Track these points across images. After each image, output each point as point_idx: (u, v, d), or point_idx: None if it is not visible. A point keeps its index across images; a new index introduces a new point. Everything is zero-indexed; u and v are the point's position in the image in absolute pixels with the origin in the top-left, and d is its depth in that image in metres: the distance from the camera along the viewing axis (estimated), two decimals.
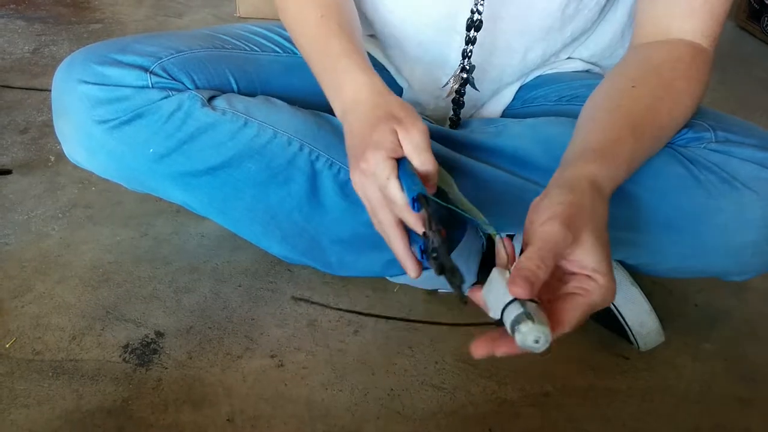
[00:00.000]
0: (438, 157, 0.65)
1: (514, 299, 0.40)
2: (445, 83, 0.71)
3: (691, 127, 0.60)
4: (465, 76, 0.68)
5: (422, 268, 0.53)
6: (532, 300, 0.40)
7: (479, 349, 0.42)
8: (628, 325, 0.68)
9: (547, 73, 0.74)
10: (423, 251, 0.50)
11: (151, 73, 0.62)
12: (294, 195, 0.66)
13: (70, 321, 0.67)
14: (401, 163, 0.51)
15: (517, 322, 0.39)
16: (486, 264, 0.72)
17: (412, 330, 0.70)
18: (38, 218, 0.82)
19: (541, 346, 0.38)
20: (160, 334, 0.67)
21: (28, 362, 0.62)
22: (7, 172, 0.90)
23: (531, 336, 0.38)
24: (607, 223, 0.46)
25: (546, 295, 0.43)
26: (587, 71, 0.75)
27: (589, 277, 0.43)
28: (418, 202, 0.48)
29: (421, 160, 0.51)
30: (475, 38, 0.65)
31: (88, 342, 0.65)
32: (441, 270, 0.44)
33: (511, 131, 0.68)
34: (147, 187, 0.69)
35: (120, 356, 0.64)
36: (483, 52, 0.67)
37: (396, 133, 0.52)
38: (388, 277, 0.75)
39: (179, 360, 0.64)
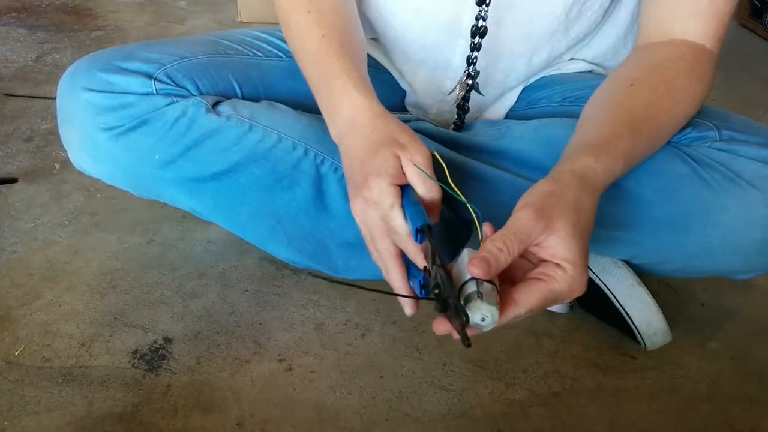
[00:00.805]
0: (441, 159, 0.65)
1: (472, 278, 0.41)
2: (450, 90, 0.71)
3: (695, 126, 0.60)
4: (470, 82, 0.68)
5: (418, 305, 0.50)
6: (489, 281, 0.42)
7: (440, 325, 0.44)
8: (635, 325, 0.68)
9: (550, 74, 0.74)
10: (422, 286, 0.47)
11: (155, 79, 0.63)
12: (299, 199, 0.66)
13: (79, 328, 0.67)
14: (405, 190, 0.50)
15: (468, 299, 0.41)
16: None
17: (419, 332, 0.70)
18: (45, 226, 0.82)
19: (487, 325, 0.41)
20: (168, 340, 0.67)
21: (38, 369, 0.62)
22: (13, 180, 0.90)
23: (478, 314, 0.40)
24: (592, 217, 0.47)
25: (516, 277, 0.45)
26: (590, 72, 0.75)
27: (558, 265, 0.43)
28: (421, 233, 0.46)
29: (426, 187, 0.50)
30: (480, 45, 0.65)
31: (97, 348, 0.65)
32: (444, 308, 0.42)
33: (515, 133, 0.69)
34: (153, 194, 0.69)
35: (129, 362, 0.64)
36: (488, 57, 0.67)
37: (399, 158, 0.50)
38: None
39: (188, 365, 0.64)
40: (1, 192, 0.88)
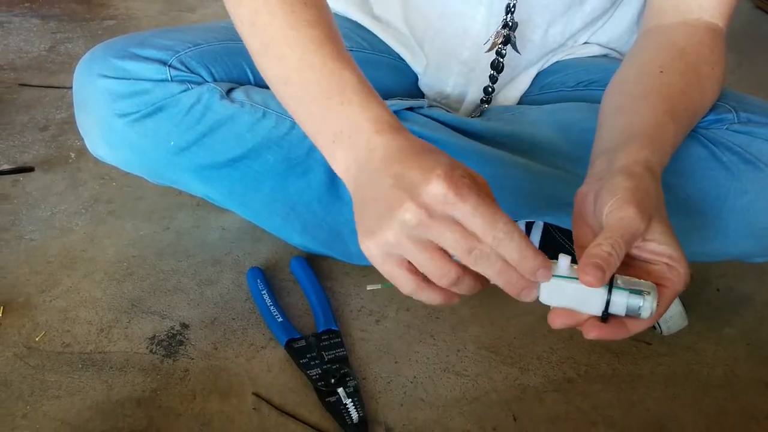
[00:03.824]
0: (454, 145, 0.65)
1: (611, 284, 0.39)
2: (485, 40, 0.67)
3: (713, 109, 0.59)
4: (507, 33, 0.65)
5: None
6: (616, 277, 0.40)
7: (558, 318, 0.41)
8: None
9: (564, 59, 0.73)
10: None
11: (170, 66, 0.63)
12: (313, 186, 0.66)
13: (97, 314, 0.68)
14: None
15: (637, 308, 0.39)
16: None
17: (433, 319, 0.70)
18: (61, 214, 0.83)
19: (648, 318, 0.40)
20: (185, 326, 0.67)
21: (58, 355, 0.63)
22: (30, 169, 0.91)
23: (650, 309, 0.40)
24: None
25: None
26: (605, 56, 0.74)
27: (669, 266, 0.42)
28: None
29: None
30: None
31: (115, 334, 0.66)
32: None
33: (529, 117, 0.68)
34: (168, 180, 0.69)
35: (147, 348, 0.65)
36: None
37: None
38: None
39: (205, 351, 0.65)
40: (18, 181, 0.89)
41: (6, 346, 0.64)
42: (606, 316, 0.40)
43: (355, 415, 0.57)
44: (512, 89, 0.74)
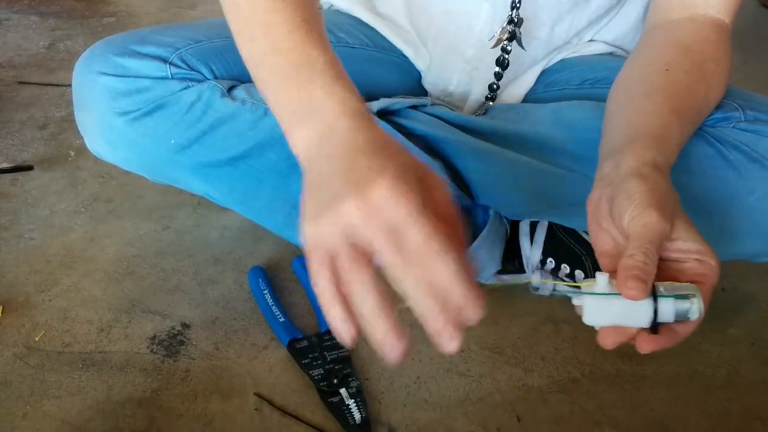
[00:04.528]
0: (458, 144, 0.65)
1: (654, 294, 0.39)
2: (490, 37, 0.66)
3: (719, 107, 0.59)
4: (512, 29, 0.65)
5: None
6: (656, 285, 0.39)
7: (609, 338, 0.40)
8: None
9: (569, 57, 0.73)
10: None
11: (170, 64, 0.62)
12: None
13: (97, 314, 0.68)
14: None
15: (685, 311, 0.39)
16: (509, 251, 0.72)
17: None
18: (61, 213, 0.83)
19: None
20: (186, 326, 0.67)
21: (58, 354, 0.63)
22: (29, 168, 0.90)
23: (698, 310, 0.39)
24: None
25: None
26: (610, 54, 0.73)
27: (698, 260, 0.41)
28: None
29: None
30: None
31: (115, 334, 0.65)
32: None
33: (533, 116, 0.67)
34: (169, 179, 0.69)
35: (147, 348, 0.64)
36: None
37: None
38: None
39: (206, 351, 0.64)
40: (17, 179, 0.89)
41: (6, 345, 0.63)
42: (656, 326, 0.40)
43: (357, 416, 0.57)
44: (517, 87, 0.73)
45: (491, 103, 0.72)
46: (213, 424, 0.57)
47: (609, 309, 0.40)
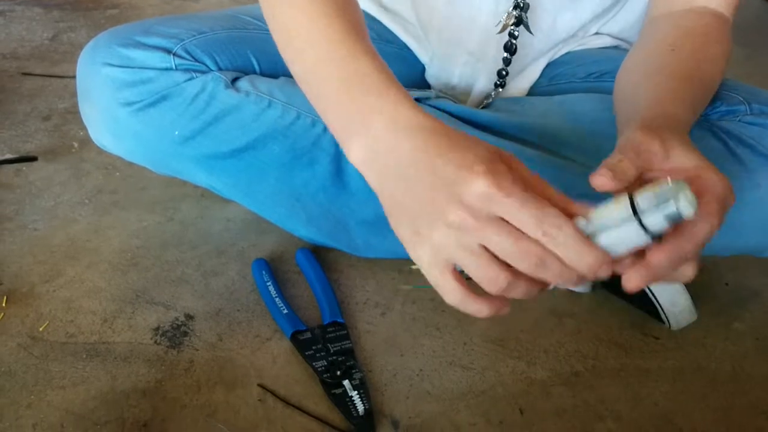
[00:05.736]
0: None
1: (634, 209, 0.35)
2: (495, 24, 0.66)
3: (724, 100, 0.59)
4: (518, 13, 0.64)
5: None
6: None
7: (632, 280, 0.37)
8: (659, 304, 0.67)
9: (575, 50, 0.72)
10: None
11: (174, 55, 0.62)
12: (318, 176, 0.65)
13: (101, 304, 0.68)
14: None
15: (675, 213, 0.35)
16: None
17: (439, 311, 0.70)
18: (65, 204, 0.83)
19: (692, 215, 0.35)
20: (189, 317, 0.67)
21: (62, 345, 0.63)
22: (33, 159, 0.91)
23: (683, 199, 0.35)
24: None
25: None
26: (616, 47, 0.73)
27: (698, 176, 0.38)
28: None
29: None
30: None
31: (119, 325, 0.65)
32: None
33: (539, 109, 0.67)
34: (172, 170, 0.69)
35: (151, 338, 0.64)
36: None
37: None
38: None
39: (210, 342, 0.64)
40: (21, 170, 0.89)
41: (10, 336, 0.63)
42: (655, 237, 0.36)
43: (360, 408, 0.57)
44: (522, 80, 0.73)
45: (500, 90, 0.71)
46: (216, 415, 0.57)
47: (601, 242, 0.37)
